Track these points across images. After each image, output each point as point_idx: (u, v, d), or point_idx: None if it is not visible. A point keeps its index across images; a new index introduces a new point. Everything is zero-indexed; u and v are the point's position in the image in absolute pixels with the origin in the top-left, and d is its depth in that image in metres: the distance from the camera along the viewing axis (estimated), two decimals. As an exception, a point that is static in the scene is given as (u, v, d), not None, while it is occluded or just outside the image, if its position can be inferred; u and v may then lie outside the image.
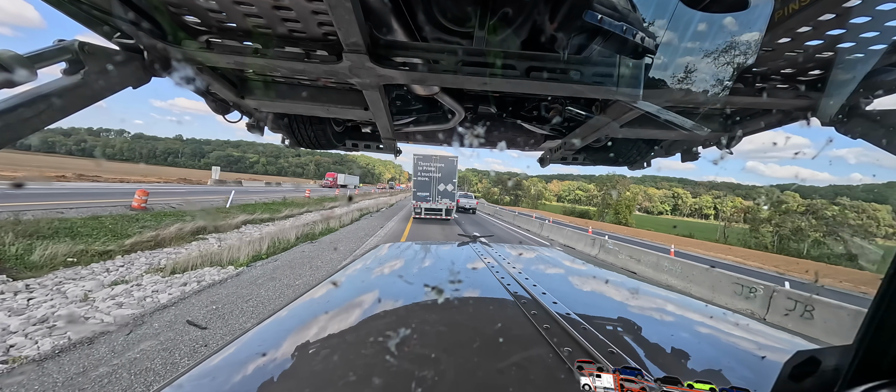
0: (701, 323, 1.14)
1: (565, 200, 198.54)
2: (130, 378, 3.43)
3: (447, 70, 1.20)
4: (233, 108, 1.83)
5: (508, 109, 2.05)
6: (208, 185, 36.68)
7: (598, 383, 0.62)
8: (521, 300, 1.09)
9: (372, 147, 2.56)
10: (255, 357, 0.81)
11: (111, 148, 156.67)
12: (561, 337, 0.84)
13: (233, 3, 1.02)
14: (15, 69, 0.87)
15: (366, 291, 1.29)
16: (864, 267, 25.71)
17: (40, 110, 0.92)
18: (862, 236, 44.71)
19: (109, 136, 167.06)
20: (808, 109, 1.40)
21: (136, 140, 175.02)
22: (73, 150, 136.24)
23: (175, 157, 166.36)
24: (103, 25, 1.11)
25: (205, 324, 4.74)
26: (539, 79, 1.21)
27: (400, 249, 1.89)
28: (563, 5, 1.20)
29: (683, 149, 2.19)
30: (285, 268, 8.04)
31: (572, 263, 1.86)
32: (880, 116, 1.17)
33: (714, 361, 0.87)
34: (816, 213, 35.49)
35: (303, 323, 1.01)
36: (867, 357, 0.43)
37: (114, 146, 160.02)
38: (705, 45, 1.11)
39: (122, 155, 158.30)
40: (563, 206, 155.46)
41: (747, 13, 0.99)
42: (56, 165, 44.46)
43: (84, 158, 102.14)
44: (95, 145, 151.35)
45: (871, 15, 0.92)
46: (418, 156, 21.52)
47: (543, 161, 2.73)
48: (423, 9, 1.25)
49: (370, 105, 1.56)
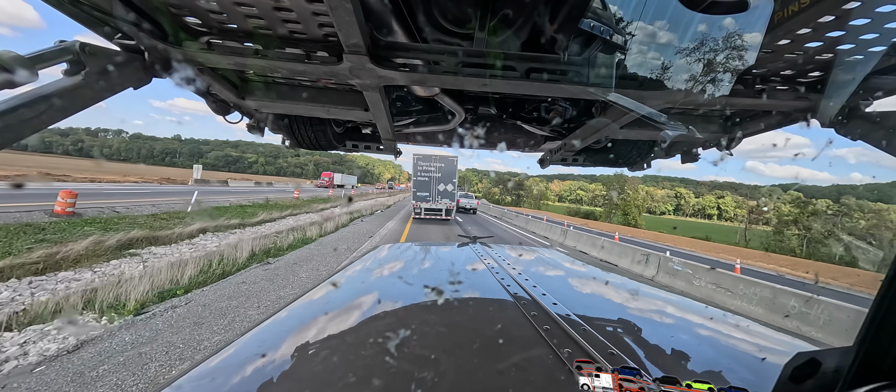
0: (702, 324, 1.14)
1: (566, 200, 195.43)
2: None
3: (447, 71, 1.20)
4: (233, 109, 1.83)
5: (508, 110, 2.05)
6: (189, 184, 33.38)
7: (596, 383, 0.62)
8: (521, 301, 1.09)
9: (372, 148, 2.56)
10: (255, 358, 0.81)
11: (108, 148, 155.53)
12: (561, 338, 0.84)
13: (233, 5, 1.02)
14: (16, 70, 0.87)
15: (365, 292, 1.29)
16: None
17: (41, 111, 0.92)
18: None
19: (108, 137, 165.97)
20: (807, 111, 1.40)
21: (133, 140, 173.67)
22: (70, 150, 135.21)
23: (172, 158, 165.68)
24: (104, 26, 1.11)
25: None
26: (539, 80, 1.21)
27: (400, 250, 1.89)
28: (563, 7, 1.20)
29: (683, 150, 2.19)
30: (188, 324, 4.66)
31: (572, 264, 1.86)
32: (880, 118, 1.17)
33: (715, 363, 0.87)
34: (846, 215, 32.88)
35: (302, 324, 1.01)
36: (868, 358, 0.43)
37: (111, 146, 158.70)
38: (705, 46, 1.11)
39: (120, 155, 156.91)
40: (565, 206, 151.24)
41: (747, 15, 1.00)
42: (50, 165, 42.48)
43: (82, 158, 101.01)
44: (93, 145, 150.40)
45: (870, 17, 0.92)
46: (418, 156, 21.27)
47: (543, 162, 2.73)
48: (424, 10, 1.25)
49: (370, 106, 1.57)
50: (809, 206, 33.94)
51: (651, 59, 1.22)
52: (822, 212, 32.27)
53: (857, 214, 30.81)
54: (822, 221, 31.80)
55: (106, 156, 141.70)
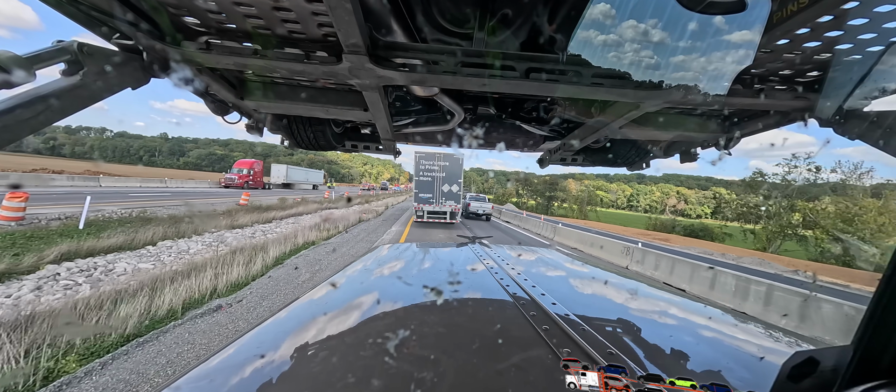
0: (701, 324, 1.15)
1: (632, 207, 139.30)
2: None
3: (447, 71, 1.20)
4: (232, 109, 1.83)
5: (508, 110, 2.05)
6: (100, 186, 24.67)
7: (583, 381, 0.63)
8: (520, 301, 1.09)
9: (371, 148, 2.56)
10: (254, 359, 0.81)
11: (81, 146, 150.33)
12: (560, 338, 0.84)
13: (232, 4, 1.02)
14: (13, 70, 0.86)
15: (365, 293, 1.29)
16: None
17: (39, 111, 0.92)
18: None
19: (89, 135, 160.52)
20: (805, 110, 1.40)
21: (118, 138, 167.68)
22: (40, 149, 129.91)
23: (151, 156, 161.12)
24: (102, 26, 1.11)
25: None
26: (538, 80, 1.21)
27: (399, 251, 1.89)
28: (562, 7, 1.20)
29: (682, 150, 2.20)
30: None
31: (571, 264, 1.86)
32: (878, 117, 1.18)
33: (714, 362, 0.87)
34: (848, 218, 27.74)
35: (302, 324, 1.01)
36: (866, 357, 0.43)
37: (83, 144, 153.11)
38: (703, 46, 1.11)
39: (90, 154, 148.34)
40: (646, 218, 74.94)
41: (745, 15, 1.00)
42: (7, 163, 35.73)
43: (51, 158, 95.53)
44: (65, 143, 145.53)
45: (868, 17, 0.92)
46: (420, 154, 18.66)
47: (542, 162, 2.74)
48: (423, 10, 1.25)
49: (370, 106, 1.56)
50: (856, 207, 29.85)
51: (649, 59, 1.23)
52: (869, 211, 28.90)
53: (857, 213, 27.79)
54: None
55: (78, 154, 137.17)
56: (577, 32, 1.24)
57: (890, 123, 1.14)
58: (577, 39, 1.27)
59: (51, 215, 10.56)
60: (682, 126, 1.79)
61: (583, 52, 1.32)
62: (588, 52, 1.32)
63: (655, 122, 1.73)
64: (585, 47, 1.31)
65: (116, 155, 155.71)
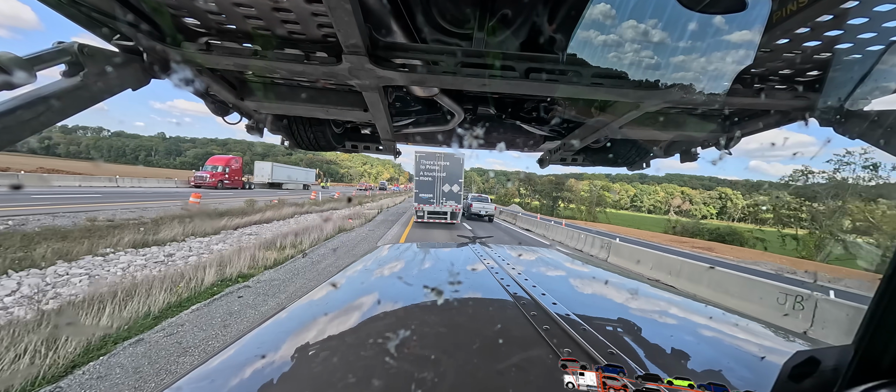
0: (702, 324, 1.15)
1: (648, 210, 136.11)
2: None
3: (446, 71, 1.20)
4: (232, 110, 1.83)
5: (508, 110, 2.05)
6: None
7: (581, 381, 0.63)
8: (521, 301, 1.09)
9: (371, 148, 2.56)
10: (255, 359, 0.81)
11: (76, 146, 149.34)
12: (561, 338, 0.84)
13: (232, 5, 1.02)
14: (13, 71, 0.86)
15: (365, 293, 1.29)
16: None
17: (39, 112, 0.92)
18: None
19: (85, 135, 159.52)
20: (806, 110, 1.40)
21: (115, 138, 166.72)
22: (36, 149, 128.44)
23: (147, 156, 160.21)
24: (102, 27, 1.11)
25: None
26: (538, 80, 1.21)
27: (400, 251, 1.89)
28: (562, 7, 1.20)
29: (682, 149, 2.20)
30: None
31: (572, 264, 1.86)
32: (878, 117, 1.18)
33: (714, 362, 0.87)
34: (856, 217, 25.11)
35: (302, 325, 1.01)
36: (866, 357, 0.43)
37: (79, 143, 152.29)
38: (703, 45, 1.11)
39: (86, 153, 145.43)
40: (659, 220, 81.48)
41: (745, 14, 1.00)
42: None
43: (42, 157, 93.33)
44: (59, 143, 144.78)
45: (868, 16, 0.92)
46: (420, 154, 18.50)
47: (543, 162, 2.74)
48: (423, 10, 1.25)
49: (370, 106, 1.57)
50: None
51: (649, 59, 1.22)
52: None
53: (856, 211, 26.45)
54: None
55: (73, 154, 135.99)
56: (577, 32, 1.24)
57: (890, 123, 1.14)
58: (576, 39, 1.27)
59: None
60: (682, 126, 1.79)
61: (582, 52, 1.32)
62: (588, 52, 1.31)
63: (655, 121, 1.73)
64: (585, 47, 1.31)
65: (112, 155, 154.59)
